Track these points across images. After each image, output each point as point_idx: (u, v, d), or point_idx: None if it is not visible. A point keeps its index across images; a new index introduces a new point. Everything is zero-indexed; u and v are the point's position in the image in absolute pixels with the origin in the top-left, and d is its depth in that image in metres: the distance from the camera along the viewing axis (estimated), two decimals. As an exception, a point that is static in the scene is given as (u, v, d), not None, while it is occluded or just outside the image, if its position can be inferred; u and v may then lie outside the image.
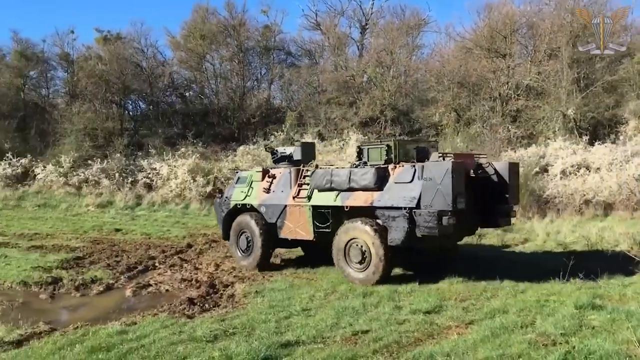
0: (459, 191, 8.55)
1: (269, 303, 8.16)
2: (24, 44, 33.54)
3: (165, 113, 32.24)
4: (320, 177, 9.99)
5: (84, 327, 7.14)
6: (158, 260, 12.25)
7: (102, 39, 33.65)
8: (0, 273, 10.62)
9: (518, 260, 11.42)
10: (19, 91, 32.66)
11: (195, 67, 32.43)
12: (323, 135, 26.28)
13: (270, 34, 32.77)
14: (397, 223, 8.99)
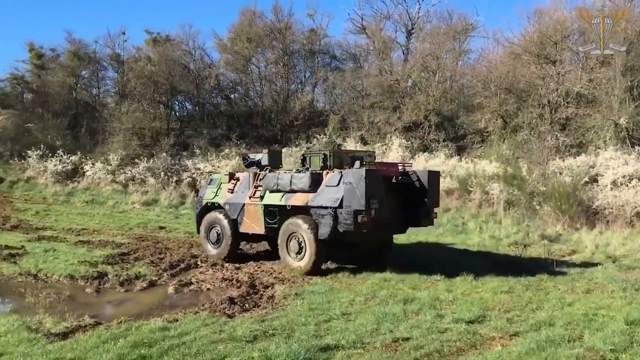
0: (372, 194, 9.97)
1: (309, 306, 8.14)
2: (77, 44, 34.57)
3: (211, 114, 32.74)
4: (270, 180, 11.46)
5: (128, 322, 7.26)
6: (200, 258, 12.40)
7: (151, 41, 34.43)
8: (49, 266, 10.90)
9: (564, 272, 11.08)
10: (71, 90, 33.68)
11: (241, 70, 32.82)
12: (365, 139, 26.19)
13: (315, 38, 32.89)
14: (325, 220, 10.48)
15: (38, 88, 34.96)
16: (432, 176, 11.26)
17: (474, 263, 12.00)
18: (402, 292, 9.09)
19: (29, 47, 35.94)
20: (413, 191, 11.03)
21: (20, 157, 27.64)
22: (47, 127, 29.96)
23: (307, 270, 10.60)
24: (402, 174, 11.11)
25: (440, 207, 18.50)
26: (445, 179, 19.94)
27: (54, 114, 31.72)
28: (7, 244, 13.12)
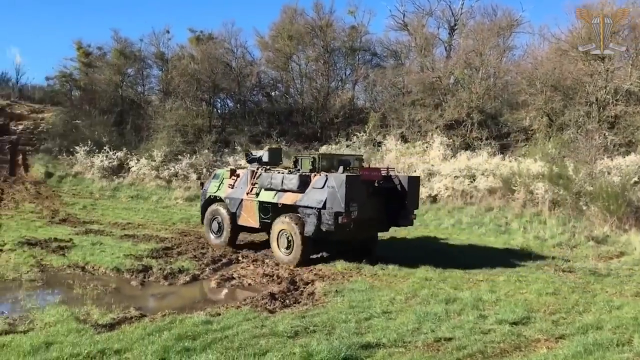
0: (352, 198, 10.81)
1: (349, 303, 8.13)
2: (123, 42, 35.31)
3: (252, 111, 33.01)
4: (265, 179, 12.31)
5: (172, 315, 7.40)
6: (242, 254, 12.53)
7: (195, 39, 34.91)
8: (96, 259, 11.21)
9: (612, 274, 10.76)
10: (117, 88, 34.47)
11: (282, 67, 32.97)
12: (406, 137, 25.95)
13: (356, 35, 32.74)
14: (310, 219, 11.32)
15: (86, 86, 35.90)
16: (412, 181, 12.13)
17: (517, 264, 11.80)
18: (443, 291, 8.99)
19: (77, 45, 36.96)
20: (395, 194, 11.84)
21: (69, 153, 28.46)
22: (94, 123, 30.74)
23: (295, 264, 11.43)
24: (385, 178, 11.75)
25: (482, 205, 18.33)
26: (488, 178, 19.61)
27: (100, 111, 32.54)
28: (57, 236, 13.53)
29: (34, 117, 38.13)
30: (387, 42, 33.47)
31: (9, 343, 6.05)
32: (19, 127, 35.91)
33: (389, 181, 11.84)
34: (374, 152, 24.39)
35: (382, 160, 23.01)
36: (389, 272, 10.64)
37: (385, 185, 11.70)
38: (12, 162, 29.87)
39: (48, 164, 28.22)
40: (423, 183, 20.31)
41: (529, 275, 10.40)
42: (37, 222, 16.19)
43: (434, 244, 14.54)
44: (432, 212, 19.03)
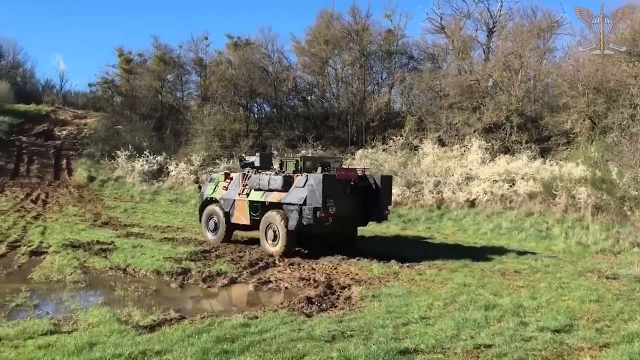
0: (328, 195, 12.06)
1: (386, 308, 8.07)
2: (163, 49, 36.10)
3: (288, 116, 33.25)
4: (254, 180, 13.62)
5: (210, 317, 7.48)
6: (278, 257, 12.59)
7: (232, 45, 35.42)
8: (137, 262, 11.42)
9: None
10: (157, 94, 35.24)
11: (318, 72, 33.12)
12: (443, 140, 25.69)
13: (392, 38, 32.63)
14: (293, 215, 12.56)
15: (127, 92, 36.83)
16: (384, 180, 13.43)
17: (559, 270, 11.53)
18: (482, 297, 8.84)
19: (119, 52, 37.99)
20: (370, 192, 13.07)
21: (110, 158, 29.20)
22: (135, 129, 31.49)
23: (280, 254, 12.69)
24: (360, 177, 13.03)
25: (522, 210, 17.98)
26: (528, 182, 19.24)
27: (141, 116, 33.32)
28: (99, 239, 13.87)
29: (77, 123, 39.31)
30: (424, 45, 33.30)
31: (54, 343, 6.21)
32: (62, 132, 37.11)
33: (364, 180, 13.10)
34: (411, 156, 24.21)
35: (419, 164, 22.84)
36: (427, 277, 10.54)
37: (360, 184, 12.97)
38: (57, 167, 30.85)
39: (90, 168, 29.01)
40: (461, 187, 20.10)
41: (571, 282, 10.15)
42: (80, 225, 16.64)
43: (472, 250, 14.32)
44: (470, 217, 18.78)
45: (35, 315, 7.53)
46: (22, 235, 14.29)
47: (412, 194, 20.75)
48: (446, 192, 20.26)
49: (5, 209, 18.89)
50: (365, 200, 13.09)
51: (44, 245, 12.96)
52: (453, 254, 13.24)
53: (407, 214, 19.73)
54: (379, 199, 13.10)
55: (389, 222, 18.90)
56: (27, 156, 31.96)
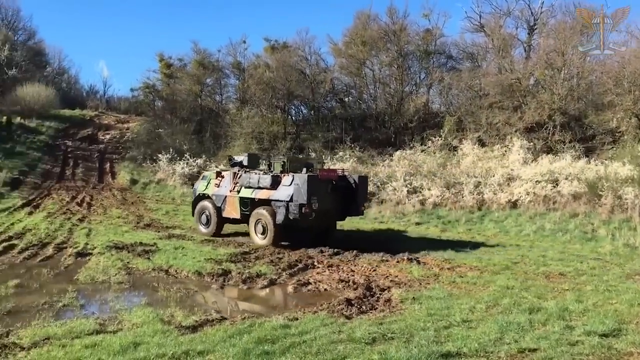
0: (312, 192, 13.40)
1: (427, 311, 7.97)
2: (202, 53, 36.69)
3: (325, 118, 33.28)
4: (245, 178, 14.96)
5: (251, 318, 7.53)
6: (317, 259, 12.59)
7: (270, 48, 35.73)
8: (178, 263, 11.60)
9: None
10: (196, 97, 35.82)
11: (355, 73, 33.05)
12: (483, 141, 25.28)
13: (430, 38, 32.32)
14: (280, 210, 13.80)
15: (167, 96, 37.57)
16: (361, 179, 14.91)
17: (605, 272, 11.18)
18: (526, 300, 8.63)
19: (159, 57, 38.82)
20: (349, 190, 14.50)
21: (152, 161, 29.78)
22: (175, 132, 32.06)
23: (267, 245, 13.97)
24: (340, 177, 14.54)
25: (567, 211, 17.54)
26: (572, 182, 18.75)
27: (181, 120, 33.92)
28: (142, 241, 14.14)
29: (120, 127, 40.31)
30: (463, 44, 32.88)
31: (100, 342, 6.36)
32: (106, 136, 38.10)
33: (344, 180, 14.59)
34: (450, 157, 23.90)
35: (458, 165, 22.53)
36: (468, 279, 10.36)
37: (340, 184, 14.42)
38: (101, 170, 31.65)
39: (133, 171, 29.64)
40: (502, 188, 19.75)
41: (618, 285, 9.83)
42: (123, 227, 17.01)
43: (514, 251, 14.03)
44: (512, 218, 18.41)
45: (82, 315, 7.72)
46: (68, 237, 14.70)
47: (451, 195, 20.48)
48: (487, 193, 19.92)
49: (52, 212, 19.47)
50: (345, 198, 14.55)
51: (89, 246, 13.29)
52: (494, 255, 13.00)
53: (446, 216, 19.47)
54: (356, 196, 14.57)
55: (428, 224, 18.74)
56: (73, 160, 32.90)
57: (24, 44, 49.17)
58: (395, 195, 21.27)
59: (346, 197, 14.54)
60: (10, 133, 33.61)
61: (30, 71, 44.24)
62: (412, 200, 20.75)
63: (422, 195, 20.85)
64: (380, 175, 22.92)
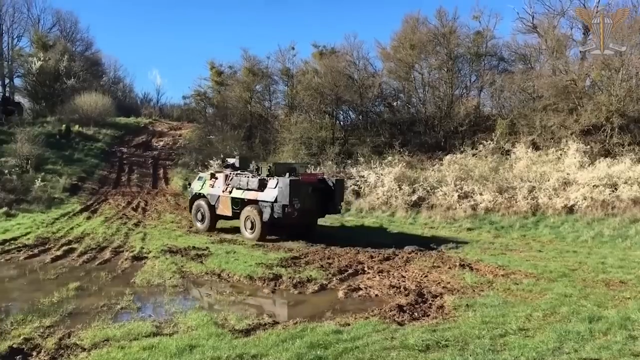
0: (294, 195, 15.12)
1: (482, 318, 7.81)
2: (252, 60, 37.15)
3: (374, 122, 33.10)
4: (235, 181, 16.74)
5: (303, 323, 7.56)
6: (367, 265, 12.53)
7: (318, 54, 35.86)
8: (230, 267, 11.78)
9: None
10: (246, 104, 36.29)
11: (404, 77, 32.74)
12: (537, 144, 24.56)
13: (481, 40, 31.70)
14: (266, 209, 15.60)
15: (218, 103, 38.25)
16: (338, 182, 16.84)
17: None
18: (586, 309, 8.35)
19: (211, 65, 39.59)
20: (327, 191, 16.27)
21: (204, 166, 30.32)
22: (226, 138, 32.60)
23: (256, 239, 15.72)
24: (320, 180, 16.50)
25: (627, 217, 16.89)
26: (632, 187, 18.02)
27: (231, 126, 34.46)
28: (195, 245, 14.44)
29: (173, 134, 41.31)
30: (515, 45, 32.06)
31: (157, 344, 6.52)
32: (159, 143, 39.11)
33: (324, 182, 16.43)
34: (502, 161, 23.36)
35: (511, 169, 22.00)
36: (524, 287, 10.10)
37: (320, 186, 16.24)
38: (154, 176, 32.49)
39: (186, 176, 30.26)
40: (558, 193, 19.19)
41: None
42: (177, 231, 17.41)
43: (571, 257, 13.57)
44: (568, 224, 17.83)
45: (139, 318, 7.94)
46: (125, 241, 15.15)
47: (504, 200, 19.99)
48: (542, 197, 19.36)
49: (109, 216, 20.11)
50: (324, 198, 16.26)
51: (145, 250, 13.67)
52: (550, 262, 12.62)
53: (499, 221, 19.03)
54: (334, 196, 16.37)
55: (480, 230, 18.38)
56: (128, 166, 33.90)
57: (81, 54, 51.14)
58: (445, 201, 20.95)
59: (325, 198, 16.30)
60: (69, 141, 34.93)
61: (88, 81, 45.93)
62: (463, 205, 20.39)
63: (473, 200, 20.46)
64: (430, 180, 22.62)
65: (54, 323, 7.61)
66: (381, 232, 18.25)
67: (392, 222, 20.36)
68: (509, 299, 9.22)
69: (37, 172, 26.03)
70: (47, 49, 43.13)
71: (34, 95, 43.86)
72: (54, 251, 13.47)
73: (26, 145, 27.52)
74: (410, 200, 21.76)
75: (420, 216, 20.57)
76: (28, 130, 31.54)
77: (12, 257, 12.89)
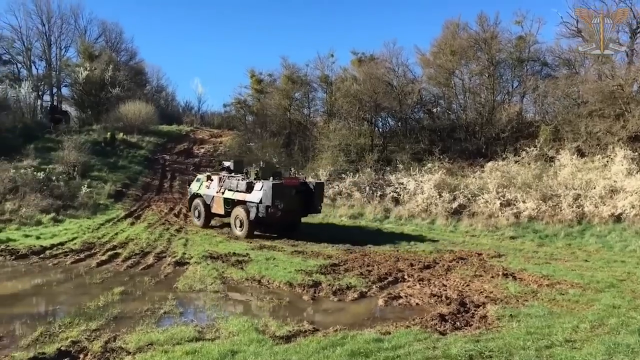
0: (276, 197, 16.74)
1: (526, 329, 7.63)
2: (291, 68, 37.45)
3: (413, 129, 32.86)
4: (227, 183, 18.62)
5: (343, 330, 7.53)
6: (407, 273, 12.41)
7: (357, 61, 35.88)
8: (270, 273, 11.85)
9: None
10: (285, 111, 36.56)
11: (444, 83, 32.44)
12: (583, 151, 23.92)
13: (524, 45, 31.12)
14: (252, 209, 17.27)
15: (258, 110, 38.66)
16: (318, 185, 18.60)
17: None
18: (635, 321, 8.07)
19: (251, 73, 40.12)
20: (309, 193, 17.95)
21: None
22: (265, 145, 32.87)
23: (244, 237, 17.46)
24: (302, 183, 18.29)
25: None
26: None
27: (271, 133, 34.74)
28: (235, 251, 14.59)
29: (213, 141, 41.93)
30: (559, 50, 31.30)
31: (199, 349, 6.60)
32: (200, 150, 39.74)
33: (305, 185, 18.15)
34: (546, 168, 22.83)
35: (555, 176, 21.48)
36: (570, 297, 9.83)
37: (302, 188, 17.96)
38: (196, 183, 32.89)
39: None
40: (604, 201, 18.65)
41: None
42: (217, 237, 17.62)
43: (619, 267, 13.14)
44: (616, 233, 17.28)
45: (181, 322, 8.06)
46: (167, 247, 15.42)
47: (548, 208, 19.52)
48: (587, 206, 18.83)
49: (152, 222, 20.51)
50: (306, 199, 17.93)
51: (187, 256, 13.88)
52: (597, 272, 12.24)
53: (543, 230, 18.58)
54: (314, 198, 18.01)
55: (524, 238, 17.99)
56: (170, 173, 34.54)
57: (126, 64, 52.49)
58: (487, 208, 20.61)
59: (307, 199, 17.96)
60: (114, 148, 35.84)
61: (132, 89, 47.07)
62: (506, 213, 20.00)
63: (516, 208, 20.05)
64: (471, 187, 22.29)
65: (100, 326, 7.79)
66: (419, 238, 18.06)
67: (432, 230, 20.13)
68: (554, 309, 8.98)
69: (84, 178, 26.77)
70: (93, 59, 44.46)
71: (80, 104, 45.24)
72: (100, 256, 13.81)
73: (73, 153, 28.40)
74: (450, 208, 21.48)
75: (461, 224, 20.26)
76: (75, 138, 32.51)
77: (59, 261, 13.27)
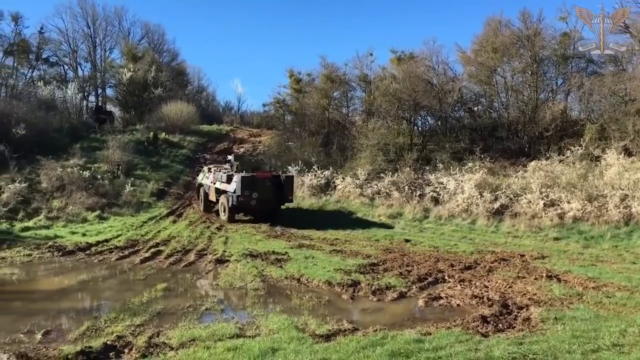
0: (245, 187, 19.84)
1: (572, 332, 7.44)
2: (330, 68, 37.43)
3: (453, 128, 32.42)
4: (217, 175, 21.87)
5: (383, 330, 7.50)
6: (447, 273, 12.27)
7: (396, 60, 35.64)
8: (309, 272, 11.89)
9: None
10: (324, 111, 36.58)
11: (485, 81, 31.88)
12: (630, 150, 23.16)
13: (568, 42, 30.29)
14: (230, 198, 20.20)
15: (297, 110, 38.82)
16: (287, 178, 21.59)
17: None
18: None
19: (289, 73, 40.33)
20: (280, 185, 20.83)
21: (283, 173, 30.86)
22: (304, 144, 33.00)
23: (227, 221, 20.59)
24: (274, 176, 21.17)
25: None
26: None
27: (309, 133, 34.84)
28: (274, 249, 14.70)
29: (253, 141, 42.33)
30: (605, 46, 30.45)
31: (240, 346, 6.68)
32: (240, 149, 40.14)
33: (277, 178, 21.13)
34: (592, 167, 22.20)
35: (601, 176, 20.86)
36: (617, 300, 9.53)
37: (274, 180, 20.85)
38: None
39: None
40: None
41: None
42: (257, 235, 17.78)
43: None
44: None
45: (223, 319, 8.18)
46: (208, 245, 15.66)
47: (594, 208, 18.97)
48: (635, 206, 18.22)
49: (193, 220, 20.88)
50: (278, 190, 20.79)
51: (227, 254, 14.07)
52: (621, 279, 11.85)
53: (589, 231, 18.06)
54: (284, 189, 20.85)
55: (568, 239, 17.55)
56: (211, 172, 35.00)
57: (168, 65, 53.47)
58: (530, 209, 20.16)
59: (279, 190, 20.77)
60: (156, 147, 36.55)
61: (174, 90, 47.91)
62: (550, 213, 19.53)
63: (560, 209, 19.56)
64: (514, 187, 21.86)
65: (143, 322, 7.97)
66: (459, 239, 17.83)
67: (473, 231, 19.83)
68: (600, 312, 8.73)
69: (127, 177, 27.41)
70: (136, 60, 45.48)
71: (124, 104, 46.37)
72: (143, 253, 14.13)
73: (117, 152, 29.12)
74: (492, 208, 21.10)
75: (503, 224, 19.90)
76: (119, 137, 33.32)
77: (104, 258, 13.64)
